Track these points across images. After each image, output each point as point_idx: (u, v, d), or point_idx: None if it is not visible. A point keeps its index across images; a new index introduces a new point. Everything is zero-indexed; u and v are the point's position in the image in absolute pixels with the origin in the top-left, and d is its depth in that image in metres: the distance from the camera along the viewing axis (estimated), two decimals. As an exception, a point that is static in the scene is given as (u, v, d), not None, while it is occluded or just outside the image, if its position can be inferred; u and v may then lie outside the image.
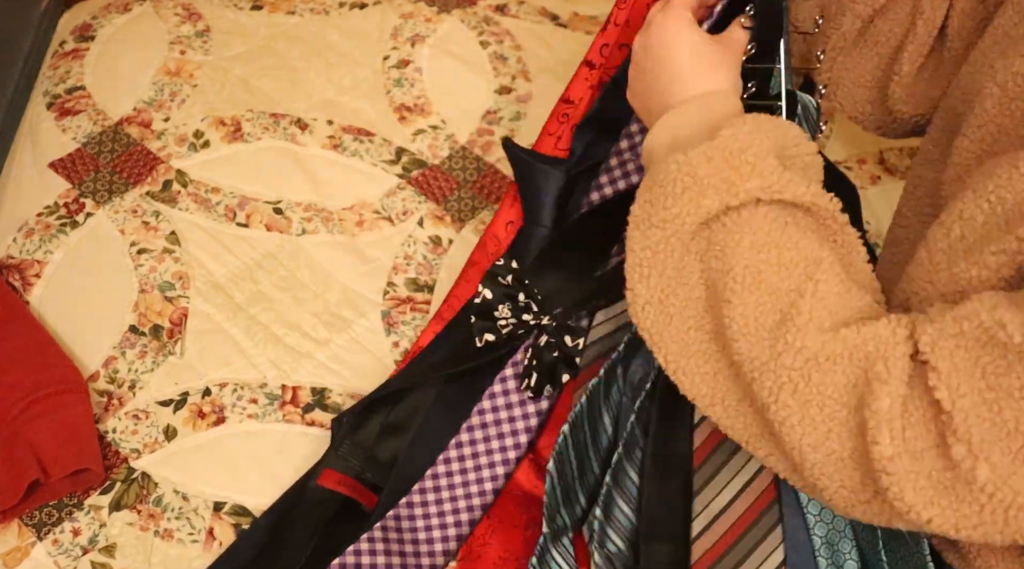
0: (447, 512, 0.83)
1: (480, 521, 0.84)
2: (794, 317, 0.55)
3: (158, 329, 0.95)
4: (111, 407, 0.90)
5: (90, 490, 0.84)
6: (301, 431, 0.89)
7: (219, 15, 1.27)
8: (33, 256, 1.00)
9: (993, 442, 0.48)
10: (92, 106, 1.15)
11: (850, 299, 0.57)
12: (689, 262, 0.61)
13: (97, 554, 0.81)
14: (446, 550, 0.82)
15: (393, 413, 0.88)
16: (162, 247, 1.02)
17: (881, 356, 0.52)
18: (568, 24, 1.31)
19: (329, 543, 0.80)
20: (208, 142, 1.12)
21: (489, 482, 0.84)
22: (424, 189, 1.09)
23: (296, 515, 0.82)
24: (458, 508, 0.83)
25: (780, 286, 0.56)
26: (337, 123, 1.15)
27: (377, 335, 0.96)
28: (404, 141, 1.14)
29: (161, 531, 0.82)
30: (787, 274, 0.57)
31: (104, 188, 1.07)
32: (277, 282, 1.00)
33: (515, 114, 1.18)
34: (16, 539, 0.81)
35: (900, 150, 1.14)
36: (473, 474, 0.84)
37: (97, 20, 1.25)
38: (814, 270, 0.57)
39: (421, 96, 1.19)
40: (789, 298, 0.56)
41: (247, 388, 0.91)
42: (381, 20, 1.28)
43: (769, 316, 0.56)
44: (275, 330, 0.96)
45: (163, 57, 1.21)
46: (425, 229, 1.05)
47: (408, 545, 0.81)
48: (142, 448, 0.87)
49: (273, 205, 1.06)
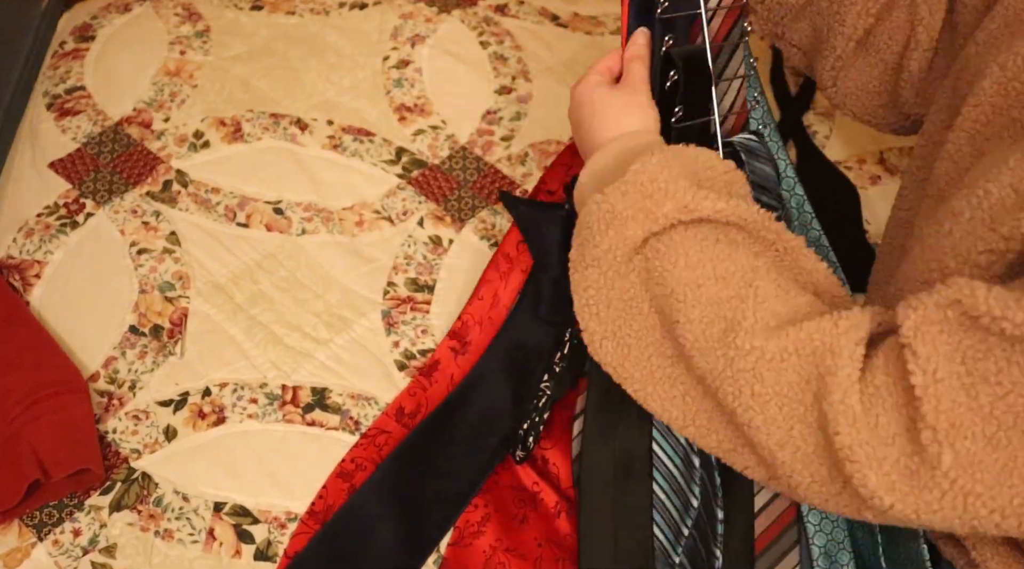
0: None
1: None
2: (740, 322, 0.57)
3: (158, 329, 0.95)
4: (111, 407, 0.90)
5: (90, 490, 0.84)
6: (301, 431, 0.89)
7: (219, 15, 1.27)
8: (33, 256, 1.00)
9: (965, 427, 0.48)
10: (92, 106, 1.15)
11: (791, 299, 0.58)
12: (636, 292, 0.63)
13: (97, 555, 0.81)
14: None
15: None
16: (162, 247, 1.02)
17: (828, 349, 0.53)
18: (568, 24, 1.31)
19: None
20: (208, 142, 1.12)
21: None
22: (424, 189, 1.09)
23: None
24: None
25: (721, 296, 0.58)
26: (337, 123, 1.15)
27: (377, 335, 0.96)
28: (404, 141, 1.14)
29: (161, 531, 0.82)
30: (725, 284, 0.59)
31: (104, 188, 1.07)
32: (277, 282, 1.00)
33: (515, 114, 1.18)
34: (16, 540, 0.81)
35: (900, 150, 1.14)
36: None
37: (97, 20, 1.25)
38: (752, 277, 0.59)
39: (421, 96, 1.19)
40: (731, 305, 0.58)
41: (247, 388, 0.91)
42: (381, 20, 1.28)
43: (716, 326, 0.58)
44: (275, 330, 0.96)
45: (163, 57, 1.21)
46: (425, 229, 1.05)
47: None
48: (142, 448, 0.87)
49: (273, 205, 1.06)
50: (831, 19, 0.82)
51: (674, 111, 0.76)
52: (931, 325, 0.50)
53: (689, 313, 0.59)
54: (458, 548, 0.82)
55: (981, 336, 0.49)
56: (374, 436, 0.88)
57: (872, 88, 0.84)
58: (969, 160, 0.63)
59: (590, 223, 0.63)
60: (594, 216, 0.63)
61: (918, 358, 0.50)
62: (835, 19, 0.82)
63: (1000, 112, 0.61)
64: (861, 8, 0.80)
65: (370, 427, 0.89)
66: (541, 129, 1.17)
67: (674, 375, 0.62)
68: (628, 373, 0.64)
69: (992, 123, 0.62)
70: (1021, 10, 0.66)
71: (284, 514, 0.83)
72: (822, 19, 0.83)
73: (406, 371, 0.94)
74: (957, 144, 0.64)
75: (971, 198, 0.56)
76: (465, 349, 0.93)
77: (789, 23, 0.86)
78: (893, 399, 0.51)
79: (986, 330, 0.49)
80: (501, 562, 0.81)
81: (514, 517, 0.84)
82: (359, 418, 0.90)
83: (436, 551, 0.82)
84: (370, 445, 0.88)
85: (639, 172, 0.62)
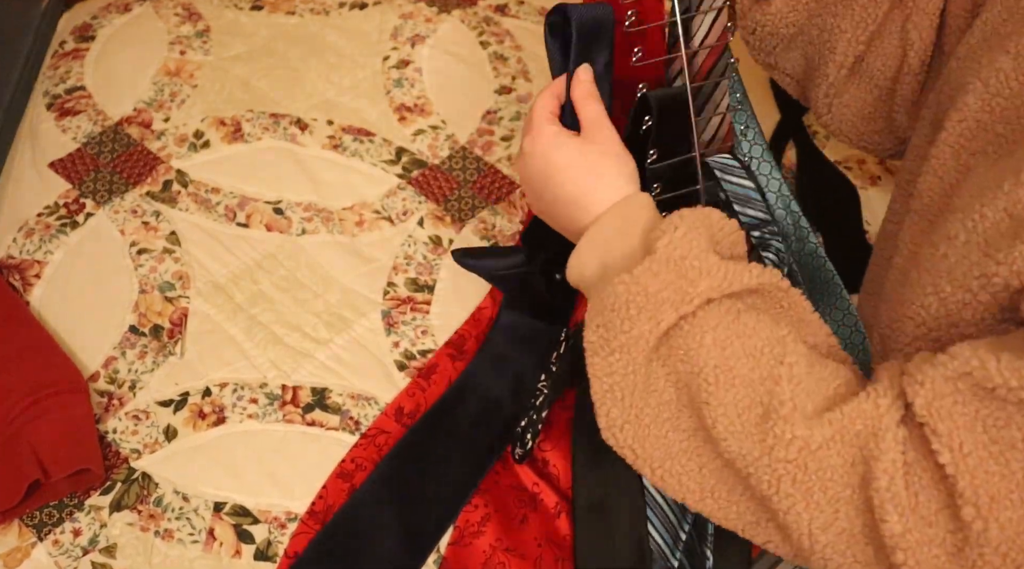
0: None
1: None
2: (777, 408, 0.54)
3: (158, 329, 0.95)
4: (111, 407, 0.90)
5: (90, 490, 0.84)
6: (301, 431, 0.89)
7: (219, 15, 1.27)
8: (33, 256, 1.00)
9: (1003, 498, 0.47)
10: (92, 106, 1.15)
11: (825, 374, 0.56)
12: (653, 369, 0.59)
13: (98, 555, 0.81)
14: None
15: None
16: (162, 247, 1.02)
17: (871, 433, 0.51)
18: (568, 24, 1.31)
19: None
20: (208, 142, 1.12)
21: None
22: (424, 189, 1.09)
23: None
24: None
25: (753, 377, 0.56)
26: (337, 123, 1.15)
27: (377, 335, 0.96)
28: (404, 141, 1.14)
29: (162, 532, 0.82)
30: (756, 363, 0.56)
31: (104, 188, 1.07)
32: (277, 282, 1.00)
33: (515, 114, 1.18)
34: (16, 540, 0.81)
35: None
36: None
37: (97, 20, 1.25)
38: (781, 352, 0.56)
39: (421, 96, 1.19)
40: (766, 387, 0.55)
41: (247, 388, 0.91)
42: (381, 20, 1.28)
43: (752, 411, 0.55)
44: (275, 330, 0.96)
45: (163, 57, 1.21)
46: (425, 229, 1.05)
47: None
48: (142, 448, 0.87)
49: (273, 205, 1.06)
50: (822, 47, 0.81)
51: (648, 153, 0.72)
52: (943, 399, 0.49)
53: (722, 397, 0.56)
54: (458, 548, 0.82)
55: (998, 405, 0.48)
56: (374, 436, 0.88)
57: (866, 114, 0.83)
58: (954, 175, 0.62)
59: (616, 306, 0.58)
60: (622, 299, 0.58)
61: (940, 436, 0.49)
62: (826, 47, 0.81)
63: (985, 127, 0.61)
64: (851, 35, 0.79)
65: (370, 427, 0.89)
66: (541, 129, 1.17)
67: (690, 448, 0.59)
68: (647, 453, 0.61)
69: (977, 138, 0.61)
70: (999, 24, 0.65)
71: (284, 514, 0.83)
72: (813, 48, 0.82)
73: (406, 371, 0.94)
74: (941, 159, 0.63)
75: (966, 222, 0.55)
76: (463, 356, 0.94)
77: (781, 53, 0.85)
78: (929, 475, 0.50)
79: (1003, 399, 0.48)
80: (501, 562, 0.81)
81: (514, 517, 0.84)
82: (359, 418, 0.90)
83: (436, 551, 0.82)
84: (370, 445, 0.88)
85: (669, 248, 0.58)
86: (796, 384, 0.55)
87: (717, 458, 0.58)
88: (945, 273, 0.56)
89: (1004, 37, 0.63)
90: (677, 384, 0.59)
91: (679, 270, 0.58)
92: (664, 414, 0.60)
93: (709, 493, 0.60)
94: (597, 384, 0.60)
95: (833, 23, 0.79)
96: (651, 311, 0.57)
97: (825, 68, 0.81)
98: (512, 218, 1.07)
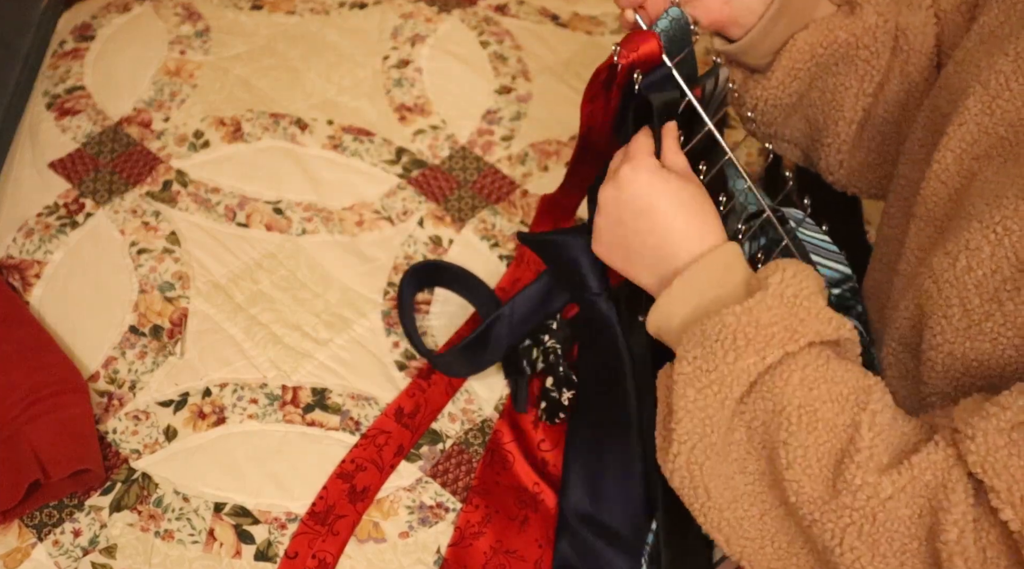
0: None
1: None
2: (853, 455, 0.53)
3: (158, 329, 0.95)
4: (111, 407, 0.90)
5: (90, 491, 0.84)
6: (301, 431, 0.89)
7: (219, 15, 1.27)
8: (33, 256, 1.00)
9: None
10: (92, 106, 1.15)
11: (907, 429, 0.55)
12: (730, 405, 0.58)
13: (98, 555, 0.81)
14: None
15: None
16: (162, 247, 1.02)
17: (940, 484, 0.51)
18: (568, 24, 1.31)
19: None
20: (208, 142, 1.12)
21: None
22: (424, 189, 1.09)
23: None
24: None
25: (836, 422, 0.55)
26: (337, 123, 1.15)
27: (377, 335, 0.96)
28: (404, 141, 1.14)
29: (162, 532, 0.82)
30: (841, 408, 0.55)
31: (104, 188, 1.07)
32: (277, 282, 1.00)
33: (515, 114, 1.18)
34: (16, 540, 0.81)
35: (900, 150, 1.15)
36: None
37: (97, 20, 1.25)
38: (866, 399, 0.56)
39: (421, 96, 1.19)
40: (847, 434, 0.55)
41: (247, 388, 0.91)
42: (381, 20, 1.28)
43: (830, 456, 0.55)
44: (275, 330, 0.96)
45: (163, 57, 1.21)
46: (425, 229, 1.05)
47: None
48: (142, 449, 0.87)
49: (273, 205, 1.06)
50: (827, 108, 0.79)
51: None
52: (997, 452, 0.49)
53: (803, 438, 0.55)
54: (459, 548, 0.82)
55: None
56: (374, 436, 0.88)
57: (875, 162, 0.81)
58: (958, 180, 0.62)
59: (722, 336, 0.57)
60: (730, 329, 0.57)
61: (999, 494, 0.48)
62: (832, 107, 0.79)
63: (986, 131, 0.61)
64: (858, 90, 0.77)
65: (370, 427, 0.89)
66: (541, 129, 1.17)
67: (754, 493, 0.58)
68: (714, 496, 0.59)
69: (979, 142, 0.61)
70: (997, 26, 0.65)
71: (284, 514, 0.83)
72: (817, 110, 0.80)
73: (406, 371, 0.94)
74: (944, 164, 0.63)
75: (989, 235, 0.55)
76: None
77: (782, 122, 0.83)
78: (997, 531, 0.49)
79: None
80: (502, 563, 0.81)
81: (515, 518, 0.84)
82: (359, 418, 0.90)
83: (436, 551, 0.82)
84: (370, 445, 0.88)
85: (782, 286, 0.57)
86: (877, 433, 0.54)
87: (781, 505, 0.58)
88: (973, 286, 0.56)
89: (1002, 39, 0.63)
90: (751, 424, 0.58)
91: (791, 308, 0.57)
92: (733, 454, 0.59)
93: (769, 541, 0.59)
94: (687, 419, 0.58)
95: (836, 82, 0.78)
96: (759, 344, 0.56)
97: (834, 127, 0.79)
98: (512, 218, 1.07)
